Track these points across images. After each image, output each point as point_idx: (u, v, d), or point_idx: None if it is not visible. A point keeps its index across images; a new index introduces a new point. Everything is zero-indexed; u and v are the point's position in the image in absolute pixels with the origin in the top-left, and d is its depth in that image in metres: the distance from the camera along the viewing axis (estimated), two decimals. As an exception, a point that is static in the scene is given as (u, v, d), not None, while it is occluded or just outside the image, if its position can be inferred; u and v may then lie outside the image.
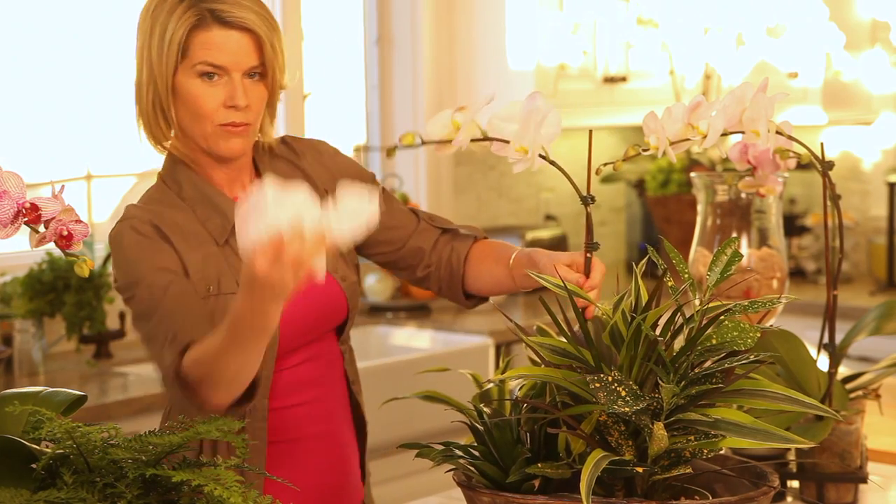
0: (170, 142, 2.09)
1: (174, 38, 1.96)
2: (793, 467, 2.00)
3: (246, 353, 1.79)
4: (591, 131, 1.70)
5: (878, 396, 2.02)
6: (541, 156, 1.68)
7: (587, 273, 1.78)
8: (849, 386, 2.01)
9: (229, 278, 2.01)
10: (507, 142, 1.68)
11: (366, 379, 2.39)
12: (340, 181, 2.05)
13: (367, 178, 2.26)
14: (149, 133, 2.07)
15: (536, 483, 1.54)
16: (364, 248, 2.23)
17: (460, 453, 1.58)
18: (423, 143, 1.72)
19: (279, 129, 4.33)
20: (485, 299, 2.22)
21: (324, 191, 2.16)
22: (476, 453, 1.56)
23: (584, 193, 1.69)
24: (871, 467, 2.10)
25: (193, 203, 2.05)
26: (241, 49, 2.00)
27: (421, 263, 2.21)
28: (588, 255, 1.76)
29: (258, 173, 2.15)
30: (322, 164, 2.21)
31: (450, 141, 1.72)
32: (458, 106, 1.73)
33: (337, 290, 2.15)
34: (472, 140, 1.70)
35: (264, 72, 2.03)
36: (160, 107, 2.02)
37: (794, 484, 2.04)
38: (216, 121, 2.00)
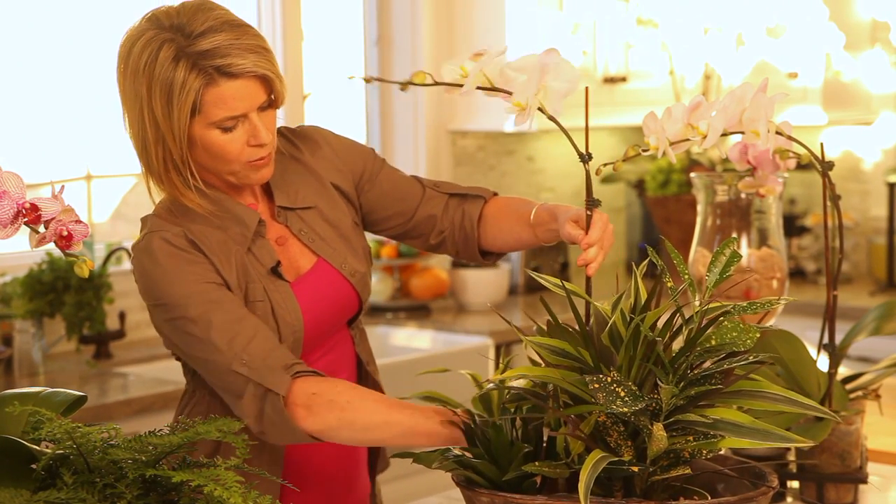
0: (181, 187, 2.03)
1: (187, 101, 1.92)
2: (793, 468, 2.00)
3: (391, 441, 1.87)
4: (587, 88, 1.72)
5: (878, 397, 2.02)
6: (540, 109, 1.69)
7: (587, 230, 1.81)
8: (849, 386, 2.01)
9: (256, 285, 2.01)
10: (510, 93, 1.69)
11: (366, 379, 2.40)
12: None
13: (368, 155, 2.24)
14: (163, 189, 2.03)
15: (538, 480, 1.54)
16: (374, 225, 2.24)
17: (458, 454, 1.58)
18: (435, 83, 1.74)
19: (279, 130, 4.33)
20: (502, 255, 2.24)
21: (330, 184, 2.17)
22: (471, 456, 1.56)
23: (583, 151, 1.70)
24: (871, 467, 2.10)
25: (211, 213, 2.03)
26: (252, 93, 1.97)
27: (434, 230, 2.21)
28: (588, 211, 1.76)
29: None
30: (322, 157, 2.20)
31: (460, 85, 1.73)
32: (475, 52, 1.73)
33: (348, 287, 2.16)
34: (479, 88, 1.71)
35: (274, 100, 2.02)
36: (172, 163, 1.99)
37: (794, 484, 2.04)
38: (243, 160, 1.99)
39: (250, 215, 2.05)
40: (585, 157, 1.67)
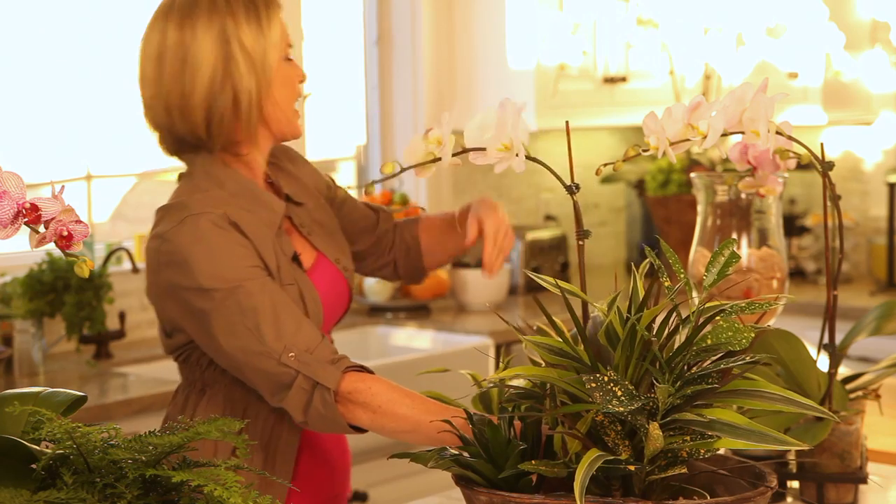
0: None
1: (275, 33, 2.03)
2: (792, 468, 2.00)
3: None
4: (567, 122, 1.72)
5: (878, 397, 2.02)
6: (527, 156, 1.69)
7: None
8: (849, 386, 2.01)
9: (286, 268, 2.04)
10: (485, 149, 1.69)
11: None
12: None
13: (327, 184, 2.31)
14: (247, 137, 2.06)
15: (534, 478, 1.54)
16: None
17: (455, 453, 1.58)
18: (403, 169, 1.75)
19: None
20: (431, 270, 2.42)
21: (314, 189, 2.24)
22: (468, 455, 1.57)
23: (569, 183, 1.70)
24: (871, 467, 2.11)
25: (240, 198, 2.04)
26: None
27: (386, 251, 2.36)
28: (580, 242, 1.77)
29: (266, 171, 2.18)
30: (304, 165, 2.28)
31: (429, 161, 1.73)
32: (425, 130, 1.75)
33: (343, 283, 2.21)
34: (455, 155, 1.71)
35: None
36: (257, 105, 2.03)
37: (794, 484, 2.04)
38: (296, 99, 2.09)
39: (277, 203, 2.09)
40: (573, 189, 1.67)
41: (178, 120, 2.05)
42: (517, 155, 1.66)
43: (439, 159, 1.71)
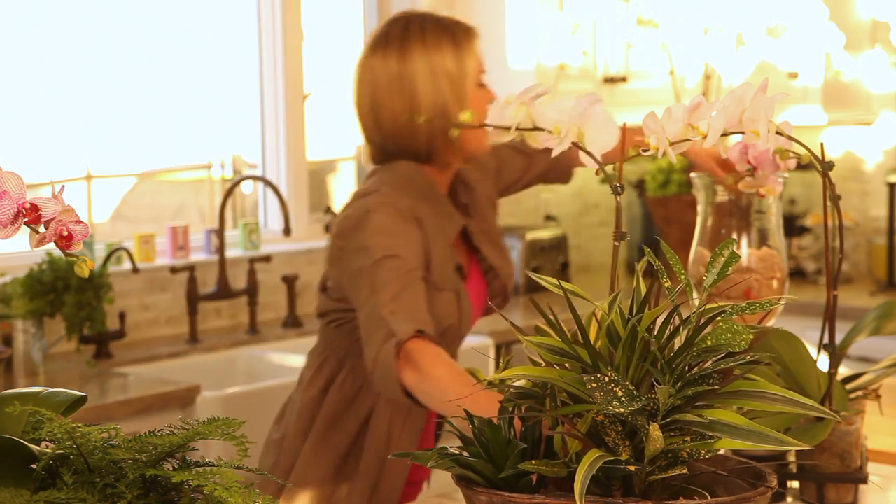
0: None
1: (471, 64, 2.30)
2: (793, 468, 2.00)
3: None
4: (624, 124, 1.72)
5: (878, 397, 2.02)
6: (574, 143, 1.70)
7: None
8: (849, 386, 2.01)
9: (450, 276, 2.26)
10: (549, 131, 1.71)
11: (366, 379, 2.41)
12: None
13: (496, 167, 2.55)
14: (432, 155, 2.30)
15: (534, 478, 1.54)
16: (506, 193, 2.60)
17: (454, 452, 1.58)
18: (483, 124, 1.77)
19: (280, 129, 4.33)
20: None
21: (484, 196, 2.46)
22: (468, 454, 1.57)
23: (616, 183, 1.70)
24: (871, 468, 2.10)
25: (430, 201, 2.28)
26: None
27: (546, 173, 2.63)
28: (616, 242, 1.77)
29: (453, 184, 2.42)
30: (475, 183, 2.47)
31: (507, 128, 1.75)
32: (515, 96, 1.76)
33: (485, 294, 2.45)
34: (519, 129, 1.72)
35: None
36: (446, 129, 2.24)
37: (794, 484, 2.04)
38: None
39: (457, 215, 2.34)
40: (618, 189, 1.67)
41: (392, 139, 2.30)
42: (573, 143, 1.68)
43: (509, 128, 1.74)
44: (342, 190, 4.78)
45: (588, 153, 1.72)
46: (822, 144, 1.91)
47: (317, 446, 2.34)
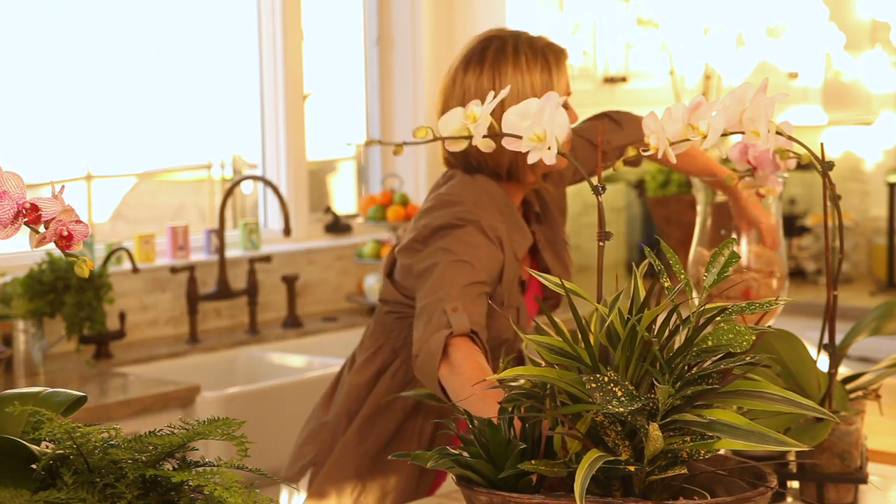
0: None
1: (562, 83, 2.35)
2: (793, 468, 2.00)
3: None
4: (600, 125, 1.71)
5: (878, 397, 2.02)
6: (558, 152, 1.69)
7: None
8: (849, 386, 2.01)
9: (515, 292, 2.30)
10: (520, 137, 1.68)
11: (366, 379, 2.41)
12: None
13: (560, 174, 2.58)
14: (514, 171, 2.33)
15: (534, 478, 1.54)
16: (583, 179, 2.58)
17: (454, 453, 1.58)
18: (436, 138, 1.72)
19: (280, 129, 4.33)
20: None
21: (550, 203, 2.50)
22: (468, 455, 1.57)
23: (596, 184, 1.70)
24: (871, 468, 2.10)
25: (506, 217, 2.32)
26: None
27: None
28: (600, 242, 1.76)
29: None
30: (547, 195, 2.50)
31: (462, 137, 1.72)
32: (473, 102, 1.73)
33: (535, 307, 2.45)
34: (485, 136, 1.70)
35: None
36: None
37: (794, 484, 2.04)
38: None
39: (528, 232, 2.37)
40: (599, 190, 1.67)
41: (477, 155, 2.32)
42: (549, 148, 1.66)
43: (471, 137, 1.71)
44: (342, 190, 4.78)
45: (569, 158, 1.72)
46: (822, 144, 1.91)
47: (361, 431, 2.38)
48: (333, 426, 2.44)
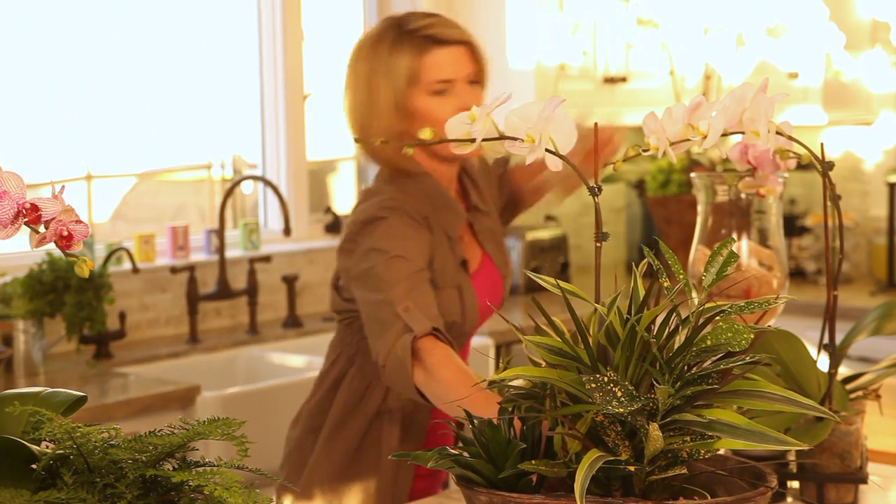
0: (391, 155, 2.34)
1: (404, 67, 2.26)
2: (793, 468, 2.00)
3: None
4: (595, 124, 1.71)
5: (878, 397, 2.02)
6: (548, 150, 1.68)
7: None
8: (849, 386, 2.01)
9: (452, 271, 2.29)
10: (521, 139, 1.67)
11: (366, 379, 2.42)
12: None
13: (498, 175, 2.60)
14: (386, 157, 2.32)
15: (534, 478, 1.54)
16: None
17: (454, 453, 1.58)
18: (441, 140, 1.72)
19: (280, 129, 4.33)
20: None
21: (490, 197, 2.50)
22: (468, 455, 1.57)
23: (591, 184, 1.69)
24: (871, 468, 2.10)
25: (432, 199, 2.30)
26: (460, 59, 2.30)
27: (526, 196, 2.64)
28: (598, 244, 1.76)
29: (461, 180, 2.45)
30: (483, 184, 2.51)
31: (467, 140, 1.71)
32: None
33: (500, 287, 2.47)
34: (486, 140, 1.70)
35: (480, 78, 2.34)
36: (399, 126, 2.27)
37: (794, 484, 2.04)
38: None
39: (461, 211, 2.36)
40: (595, 191, 1.66)
41: (372, 151, 2.37)
42: (546, 150, 1.66)
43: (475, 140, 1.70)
44: (342, 190, 4.78)
45: (564, 159, 1.72)
46: (822, 144, 1.91)
47: (328, 444, 2.37)
48: (301, 444, 2.43)
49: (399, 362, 2.07)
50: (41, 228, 1.29)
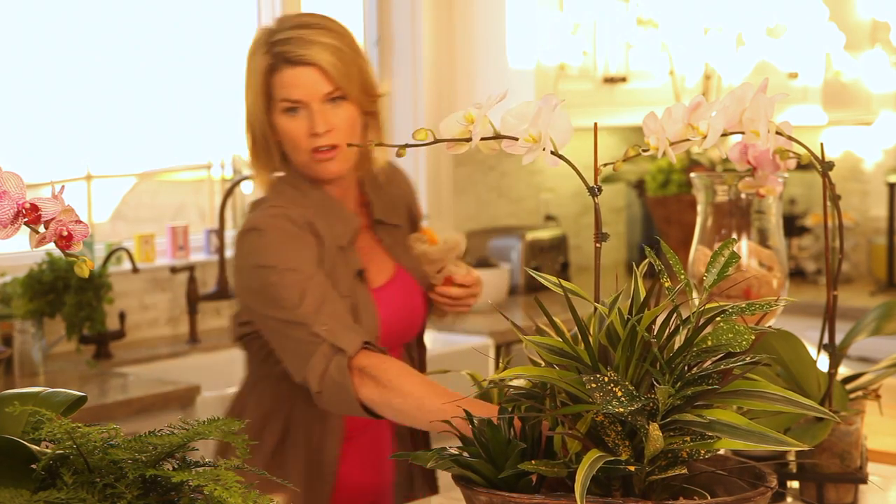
0: (275, 172, 2.28)
1: (259, 83, 2.20)
2: (793, 468, 2.00)
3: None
4: (595, 124, 1.70)
5: (878, 397, 2.02)
6: (552, 152, 1.67)
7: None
8: (849, 386, 2.01)
9: (346, 281, 2.19)
10: (517, 139, 1.67)
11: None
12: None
13: (413, 218, 2.47)
14: (257, 162, 2.27)
15: (534, 478, 1.54)
16: None
17: (454, 453, 1.58)
18: (436, 140, 1.72)
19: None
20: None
21: (406, 213, 2.41)
22: (468, 455, 1.57)
23: (591, 185, 1.69)
24: (871, 468, 2.10)
25: (319, 208, 2.22)
26: (309, 81, 2.17)
27: None
28: (597, 244, 1.76)
29: (363, 192, 2.35)
30: (394, 195, 2.41)
31: (462, 140, 1.71)
32: (472, 105, 1.72)
33: (420, 299, 2.38)
34: (483, 139, 1.69)
35: (343, 94, 2.20)
36: (266, 142, 2.23)
37: (794, 484, 2.04)
38: (307, 149, 2.19)
39: (353, 219, 2.26)
40: (595, 191, 1.66)
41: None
42: (543, 149, 1.65)
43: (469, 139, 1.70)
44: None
45: (564, 159, 1.71)
46: (822, 144, 1.91)
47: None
48: None
49: (338, 386, 2.00)
50: (41, 228, 1.29)
